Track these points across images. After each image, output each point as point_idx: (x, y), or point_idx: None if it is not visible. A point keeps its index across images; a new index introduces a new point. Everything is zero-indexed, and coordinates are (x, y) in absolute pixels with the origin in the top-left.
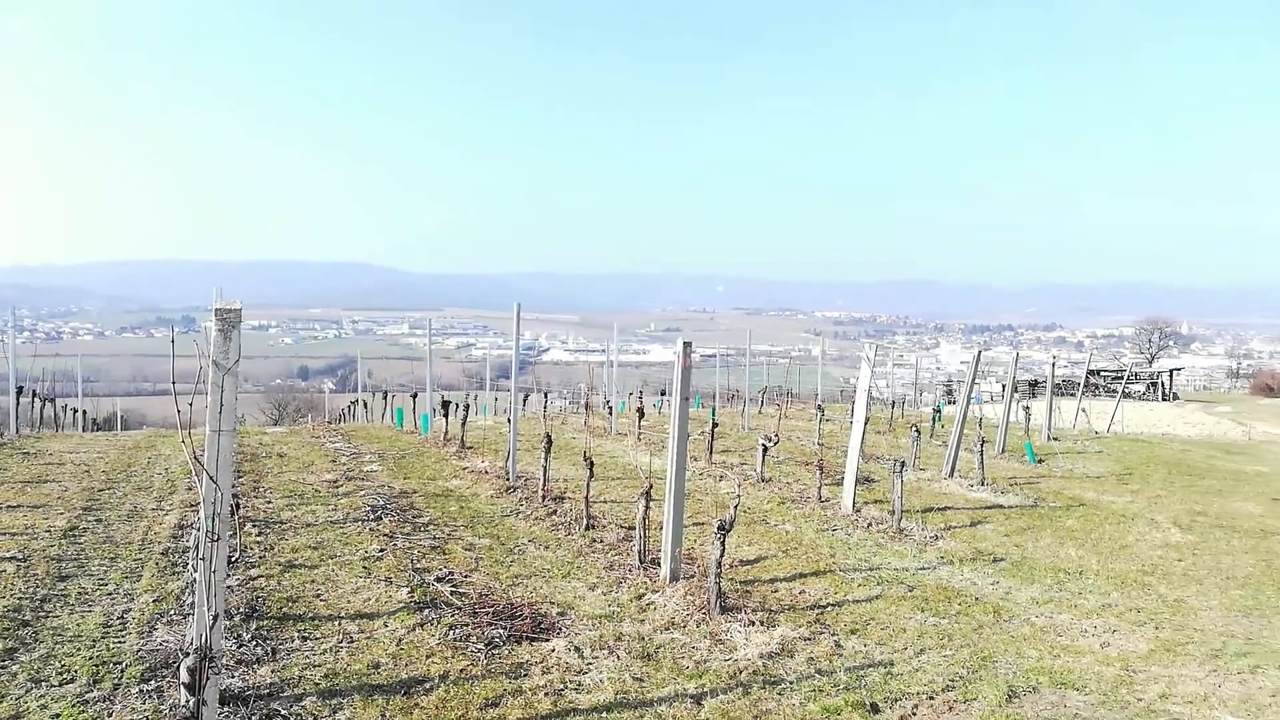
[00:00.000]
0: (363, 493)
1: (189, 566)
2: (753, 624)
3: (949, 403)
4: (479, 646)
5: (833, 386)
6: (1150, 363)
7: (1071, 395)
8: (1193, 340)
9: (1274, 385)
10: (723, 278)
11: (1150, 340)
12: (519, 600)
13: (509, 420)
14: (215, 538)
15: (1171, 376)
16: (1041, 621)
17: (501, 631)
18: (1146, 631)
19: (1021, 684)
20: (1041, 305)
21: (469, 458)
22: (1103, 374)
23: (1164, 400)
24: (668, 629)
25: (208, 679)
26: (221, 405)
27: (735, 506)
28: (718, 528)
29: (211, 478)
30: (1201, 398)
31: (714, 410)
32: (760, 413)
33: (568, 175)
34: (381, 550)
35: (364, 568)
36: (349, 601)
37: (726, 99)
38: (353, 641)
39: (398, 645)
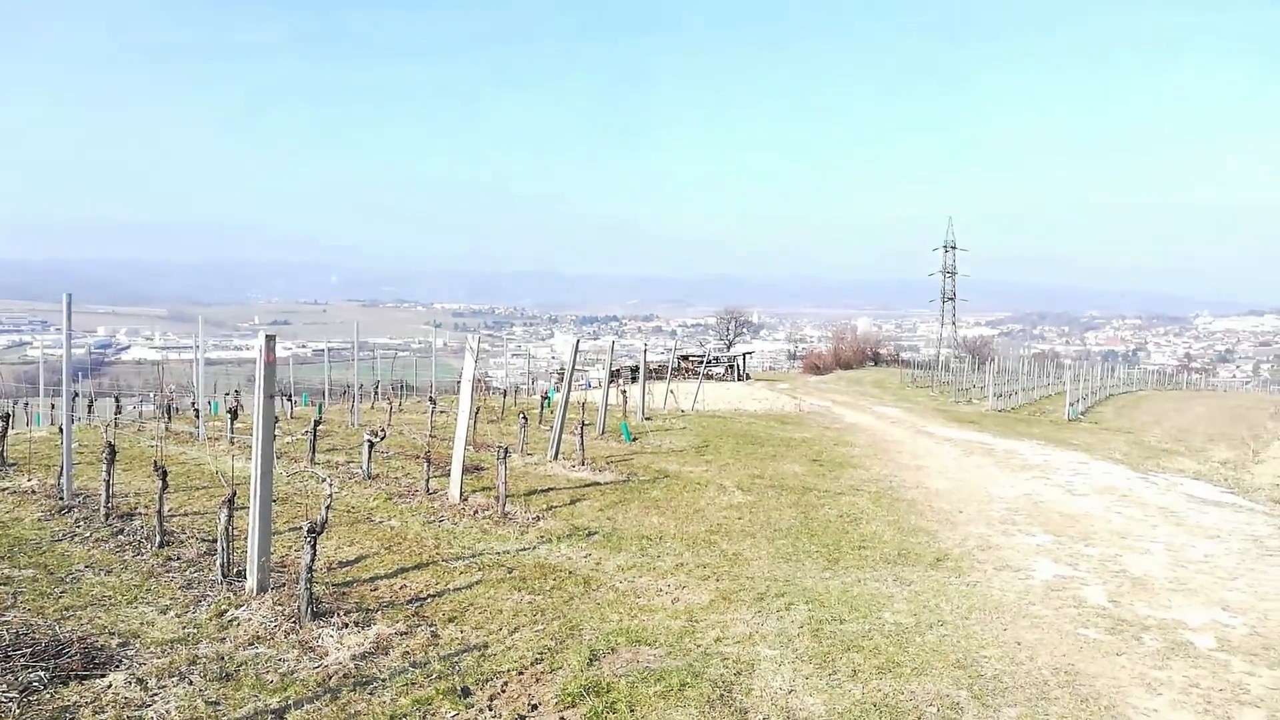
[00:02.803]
0: None
1: None
2: (346, 626)
3: (559, 389)
4: (10, 695)
5: (452, 378)
6: (729, 348)
7: (664, 379)
8: (762, 327)
9: (820, 365)
10: (337, 267)
11: (729, 328)
12: (67, 636)
13: (61, 429)
14: None
15: (745, 359)
16: (625, 586)
17: (42, 674)
18: (709, 584)
19: (602, 646)
20: (642, 297)
21: (11, 476)
22: (690, 359)
23: (739, 380)
24: (252, 644)
25: None
26: None
27: (328, 506)
28: (308, 530)
29: None
30: (767, 377)
31: (321, 407)
32: (373, 408)
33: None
34: None
35: None
36: None
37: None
38: None
39: None
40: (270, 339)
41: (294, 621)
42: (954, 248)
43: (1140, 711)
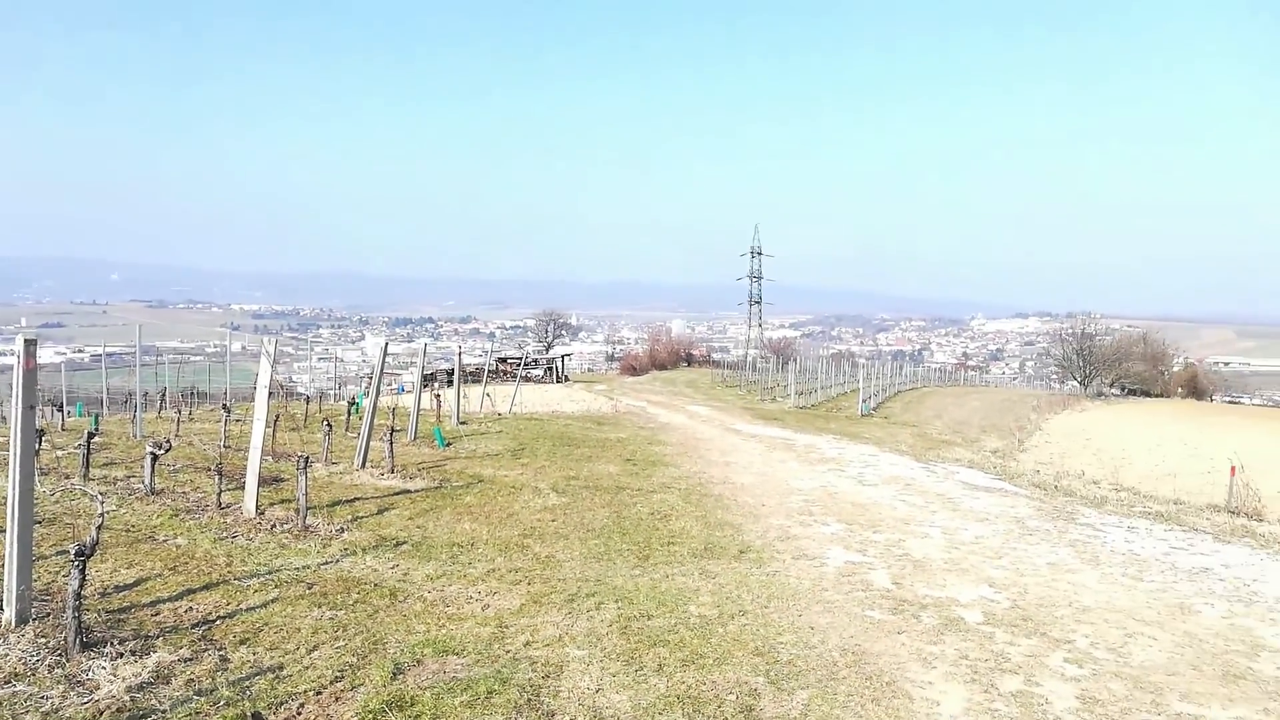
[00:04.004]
0: None
1: None
2: (122, 655)
3: (368, 394)
4: None
5: (250, 384)
6: (547, 350)
7: (480, 382)
8: (580, 330)
9: (636, 366)
10: (118, 264)
11: (548, 330)
12: None
13: None
14: None
15: (564, 361)
16: (433, 596)
17: None
18: (521, 589)
19: (408, 659)
20: (459, 299)
21: None
22: (509, 361)
23: (557, 382)
24: (9, 682)
25: None
26: None
27: (99, 526)
28: (76, 553)
29: None
30: (586, 378)
31: (98, 418)
32: (159, 417)
33: None
34: None
35: None
36: None
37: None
38: None
39: None
40: (30, 343)
41: (60, 654)
42: (760, 253)
43: (917, 684)
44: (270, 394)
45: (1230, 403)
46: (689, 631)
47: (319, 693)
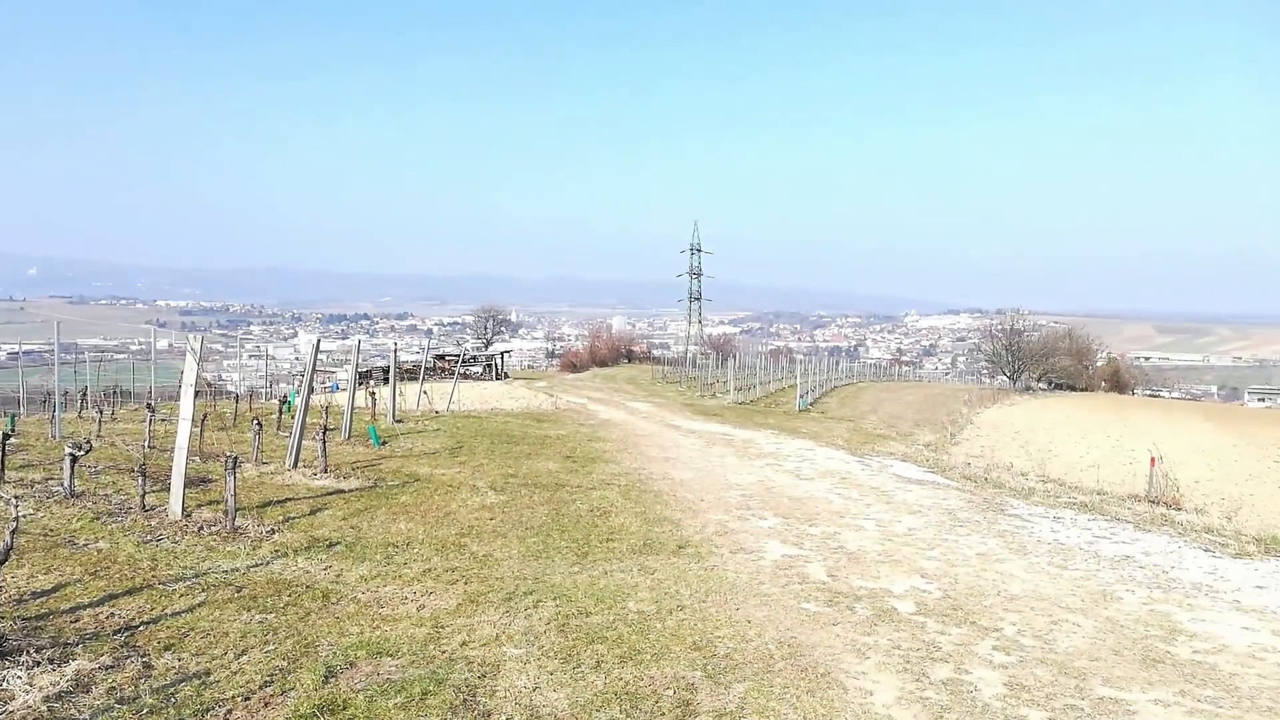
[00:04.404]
0: None
1: None
2: (39, 664)
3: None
4: None
5: (176, 383)
6: (487, 346)
7: (418, 379)
8: (520, 326)
9: (577, 363)
10: (35, 259)
11: (487, 326)
12: None
13: None
14: None
15: (503, 358)
16: (367, 597)
17: None
18: (457, 588)
19: (340, 662)
20: (396, 295)
21: None
22: (447, 358)
23: (497, 379)
24: None
25: None
26: None
27: (14, 530)
28: None
29: None
30: (526, 375)
31: (14, 418)
32: (80, 417)
33: None
34: None
35: None
36: None
37: None
38: None
39: None
40: None
41: None
42: (699, 250)
43: (851, 675)
44: (197, 392)
45: (1151, 396)
46: (627, 628)
47: (247, 698)
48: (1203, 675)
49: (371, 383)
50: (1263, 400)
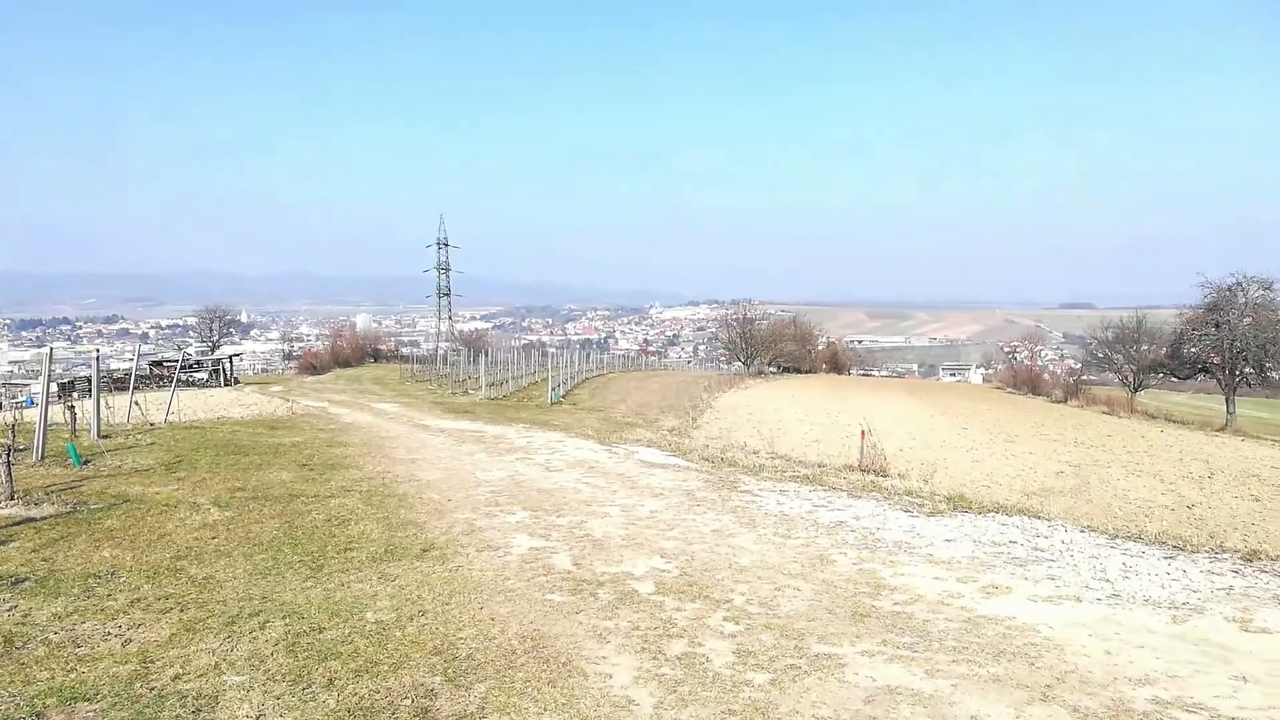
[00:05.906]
0: None
1: None
2: None
3: None
4: None
5: None
6: (213, 350)
7: (132, 389)
8: (252, 327)
9: (317, 364)
10: None
11: (212, 328)
12: None
13: None
14: None
15: (232, 362)
16: (61, 637)
17: None
18: (172, 617)
19: (24, 714)
20: (101, 296)
21: None
22: (167, 364)
23: (225, 385)
24: None
25: None
26: None
27: None
28: None
29: None
30: (260, 380)
31: None
32: None
33: None
34: None
35: None
36: None
37: None
38: None
39: None
40: None
41: None
42: (446, 244)
43: (591, 660)
44: None
45: (864, 375)
46: (364, 640)
47: None
48: (901, 624)
49: (75, 395)
50: (954, 375)
